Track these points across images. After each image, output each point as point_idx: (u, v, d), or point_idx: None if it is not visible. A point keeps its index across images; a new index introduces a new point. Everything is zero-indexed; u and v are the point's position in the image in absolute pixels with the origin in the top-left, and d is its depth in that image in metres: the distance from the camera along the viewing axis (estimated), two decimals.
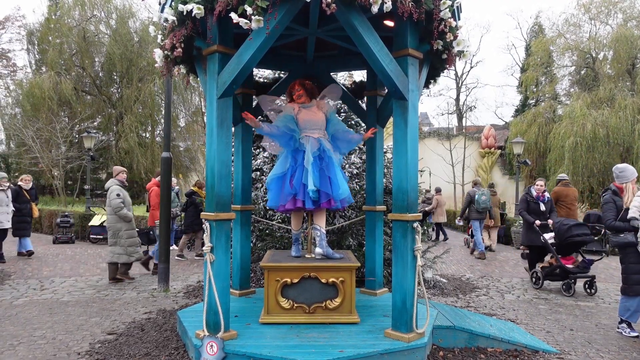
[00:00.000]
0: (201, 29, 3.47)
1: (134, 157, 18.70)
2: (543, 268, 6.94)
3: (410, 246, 3.51)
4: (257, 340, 3.50)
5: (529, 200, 7.53)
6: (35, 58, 21.57)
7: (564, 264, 6.60)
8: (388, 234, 6.00)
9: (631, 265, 4.64)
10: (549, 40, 22.48)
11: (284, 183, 4.10)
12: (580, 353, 4.10)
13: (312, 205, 4.00)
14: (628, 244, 4.62)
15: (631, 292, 4.61)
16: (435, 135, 25.16)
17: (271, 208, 4.57)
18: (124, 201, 6.87)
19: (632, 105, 17.64)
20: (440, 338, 3.96)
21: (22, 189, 9.36)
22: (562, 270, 6.61)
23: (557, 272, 6.70)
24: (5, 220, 8.58)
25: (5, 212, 8.62)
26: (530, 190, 7.61)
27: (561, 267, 6.61)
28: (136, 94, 18.99)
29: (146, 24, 19.89)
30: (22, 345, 4.14)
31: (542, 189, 7.53)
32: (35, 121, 18.26)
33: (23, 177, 9.79)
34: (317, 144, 4.11)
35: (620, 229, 4.69)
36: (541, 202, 7.45)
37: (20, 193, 9.28)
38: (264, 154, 6.80)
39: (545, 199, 7.50)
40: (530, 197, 7.53)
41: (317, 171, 4.00)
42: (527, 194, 7.62)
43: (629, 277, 4.64)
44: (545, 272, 6.83)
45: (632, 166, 5.05)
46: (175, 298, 6.02)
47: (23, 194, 9.33)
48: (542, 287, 6.89)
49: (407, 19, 3.27)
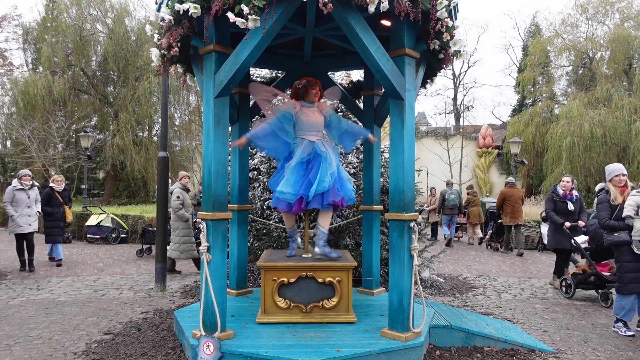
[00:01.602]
0: (198, 28, 3.46)
1: (128, 155, 18.61)
2: (574, 275, 6.22)
3: (407, 245, 3.51)
4: (253, 339, 3.49)
5: (555, 200, 6.88)
6: (31, 57, 21.51)
7: (600, 271, 5.88)
8: (385, 233, 6.00)
9: (625, 264, 4.67)
10: (547, 40, 22.52)
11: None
12: (577, 352, 4.11)
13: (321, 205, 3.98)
14: (623, 242, 4.67)
15: (626, 290, 4.64)
16: (433, 135, 25.16)
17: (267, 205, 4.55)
18: (183, 203, 7.48)
19: (629, 105, 17.71)
20: (436, 337, 3.97)
21: (54, 191, 8.46)
22: (597, 278, 5.91)
23: (591, 279, 6.00)
24: (25, 224, 7.59)
25: (26, 214, 7.63)
26: (556, 189, 6.92)
27: (597, 275, 5.90)
28: (132, 93, 18.93)
29: (143, 23, 19.84)
30: (18, 346, 4.13)
31: (570, 186, 6.85)
32: (31, 120, 18.19)
33: (54, 177, 8.81)
34: (310, 148, 4.03)
35: (615, 227, 4.74)
36: (569, 201, 6.81)
37: (52, 196, 8.41)
38: (260, 153, 6.79)
39: (573, 198, 6.83)
40: (557, 196, 6.87)
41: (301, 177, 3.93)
42: (553, 192, 6.93)
43: (623, 276, 4.68)
44: (578, 280, 6.12)
45: (619, 164, 5.13)
46: (172, 298, 6.01)
47: (55, 196, 8.44)
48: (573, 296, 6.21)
49: (404, 18, 3.28)
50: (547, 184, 19.03)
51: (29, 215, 7.71)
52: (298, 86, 4.29)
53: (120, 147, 18.56)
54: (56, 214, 8.37)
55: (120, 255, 9.93)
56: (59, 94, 18.27)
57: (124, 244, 11.93)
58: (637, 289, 4.59)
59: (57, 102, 19.01)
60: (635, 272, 4.60)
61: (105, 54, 19.82)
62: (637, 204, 4.60)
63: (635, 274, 4.60)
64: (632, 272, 4.61)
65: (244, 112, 4.94)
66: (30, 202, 7.77)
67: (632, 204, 4.62)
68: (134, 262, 9.04)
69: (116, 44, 19.23)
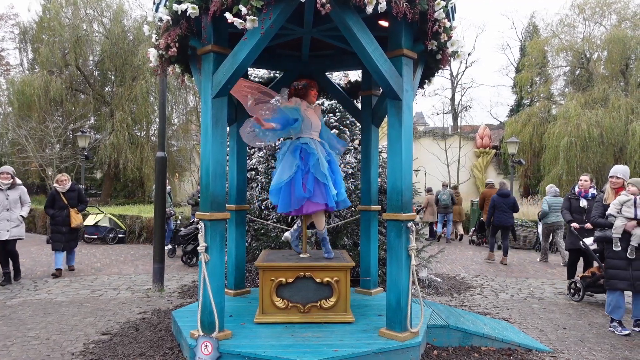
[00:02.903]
0: (196, 29, 3.46)
1: (122, 154, 18.53)
2: (584, 278, 6.06)
3: (405, 245, 3.52)
4: (251, 339, 3.50)
5: (570, 198, 6.81)
6: (28, 57, 21.46)
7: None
8: (383, 233, 6.01)
9: (609, 260, 4.81)
10: (544, 40, 22.59)
11: (294, 187, 3.95)
12: (573, 352, 4.13)
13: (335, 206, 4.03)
14: (607, 239, 4.80)
15: (607, 285, 4.79)
16: (431, 135, 25.21)
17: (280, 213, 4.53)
18: None
19: (626, 106, 17.78)
20: (434, 337, 3.98)
21: (59, 193, 7.60)
22: None
23: (600, 282, 5.84)
24: (2, 230, 6.57)
25: (4, 219, 6.60)
26: (574, 188, 6.87)
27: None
28: (129, 92, 18.88)
29: (140, 22, 19.80)
30: (16, 346, 4.12)
31: (588, 185, 6.70)
32: (28, 120, 18.13)
33: (57, 177, 7.87)
34: (322, 146, 4.14)
35: (601, 224, 4.91)
36: (582, 199, 6.67)
37: (56, 197, 7.60)
38: (259, 153, 6.79)
39: (588, 195, 6.63)
40: (572, 194, 6.79)
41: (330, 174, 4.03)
42: (571, 191, 6.87)
43: (606, 272, 4.84)
44: (587, 283, 5.99)
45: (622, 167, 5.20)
46: (169, 298, 6.01)
47: (60, 198, 7.57)
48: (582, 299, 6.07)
49: (402, 19, 3.29)
50: (545, 184, 19.04)
51: (8, 219, 6.64)
52: (298, 87, 4.29)
53: (115, 145, 18.49)
54: (57, 217, 7.54)
55: (117, 255, 9.92)
56: (56, 93, 18.22)
57: (121, 244, 11.92)
58: (619, 285, 4.69)
59: (54, 102, 18.96)
60: (617, 268, 4.71)
61: (102, 53, 19.79)
62: (620, 203, 4.72)
63: (616, 270, 4.71)
64: (613, 269, 4.74)
65: (242, 112, 4.93)
66: (10, 204, 6.69)
67: (616, 202, 4.77)
68: (131, 262, 9.03)
69: (113, 43, 19.20)
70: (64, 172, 8.13)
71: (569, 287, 6.29)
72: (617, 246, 4.68)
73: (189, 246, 8.79)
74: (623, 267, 4.67)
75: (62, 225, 7.54)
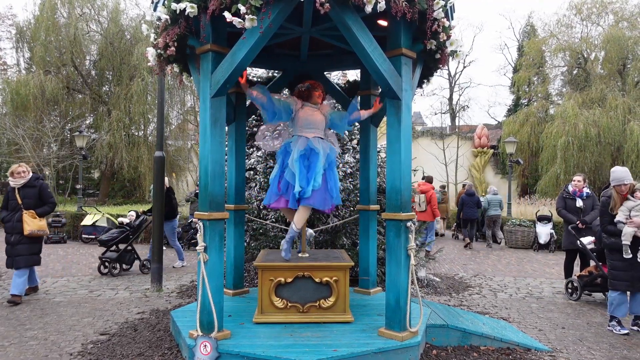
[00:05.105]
0: (194, 28, 3.45)
1: (118, 153, 18.45)
2: (581, 277, 6.10)
3: (404, 245, 3.52)
4: (250, 339, 3.49)
5: (565, 197, 6.81)
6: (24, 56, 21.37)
7: (606, 273, 5.51)
8: (382, 233, 6.01)
9: (614, 262, 4.81)
10: (542, 40, 22.64)
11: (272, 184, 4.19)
12: (572, 351, 4.14)
13: (295, 205, 4.02)
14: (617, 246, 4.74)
15: (610, 286, 4.82)
16: (429, 135, 25.21)
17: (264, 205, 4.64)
18: None
19: (623, 105, 17.84)
20: (433, 337, 3.98)
21: (14, 189, 5.77)
22: (604, 280, 5.75)
23: (598, 281, 5.92)
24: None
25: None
26: (567, 187, 6.88)
27: (603, 277, 5.75)
28: (126, 92, 18.83)
29: (137, 21, 19.75)
30: (13, 347, 4.10)
31: (581, 185, 6.73)
32: (25, 120, 18.06)
33: (12, 168, 5.91)
34: (305, 144, 4.09)
35: (613, 232, 4.82)
36: (578, 198, 6.68)
37: (9, 196, 5.81)
38: (257, 153, 6.78)
39: (583, 195, 6.70)
40: (566, 194, 6.80)
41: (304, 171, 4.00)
42: (564, 190, 6.88)
43: (611, 273, 4.86)
44: (584, 282, 6.01)
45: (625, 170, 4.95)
46: (168, 298, 5.99)
47: (13, 196, 5.76)
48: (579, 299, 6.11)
49: (401, 18, 3.29)
50: (542, 184, 19.13)
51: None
52: (301, 89, 4.35)
53: (111, 145, 18.42)
54: (7, 222, 5.72)
55: None
56: (52, 93, 18.15)
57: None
58: (621, 287, 4.73)
59: (51, 102, 18.89)
60: (621, 270, 4.73)
61: (99, 52, 19.72)
62: (628, 209, 4.69)
63: (619, 272, 4.74)
64: (617, 270, 4.77)
65: (241, 111, 4.93)
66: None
67: (623, 209, 4.73)
68: None
69: (110, 42, 19.14)
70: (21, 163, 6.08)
71: (566, 286, 6.35)
72: (628, 254, 4.61)
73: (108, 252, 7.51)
74: (625, 268, 4.67)
75: (9, 233, 5.69)
